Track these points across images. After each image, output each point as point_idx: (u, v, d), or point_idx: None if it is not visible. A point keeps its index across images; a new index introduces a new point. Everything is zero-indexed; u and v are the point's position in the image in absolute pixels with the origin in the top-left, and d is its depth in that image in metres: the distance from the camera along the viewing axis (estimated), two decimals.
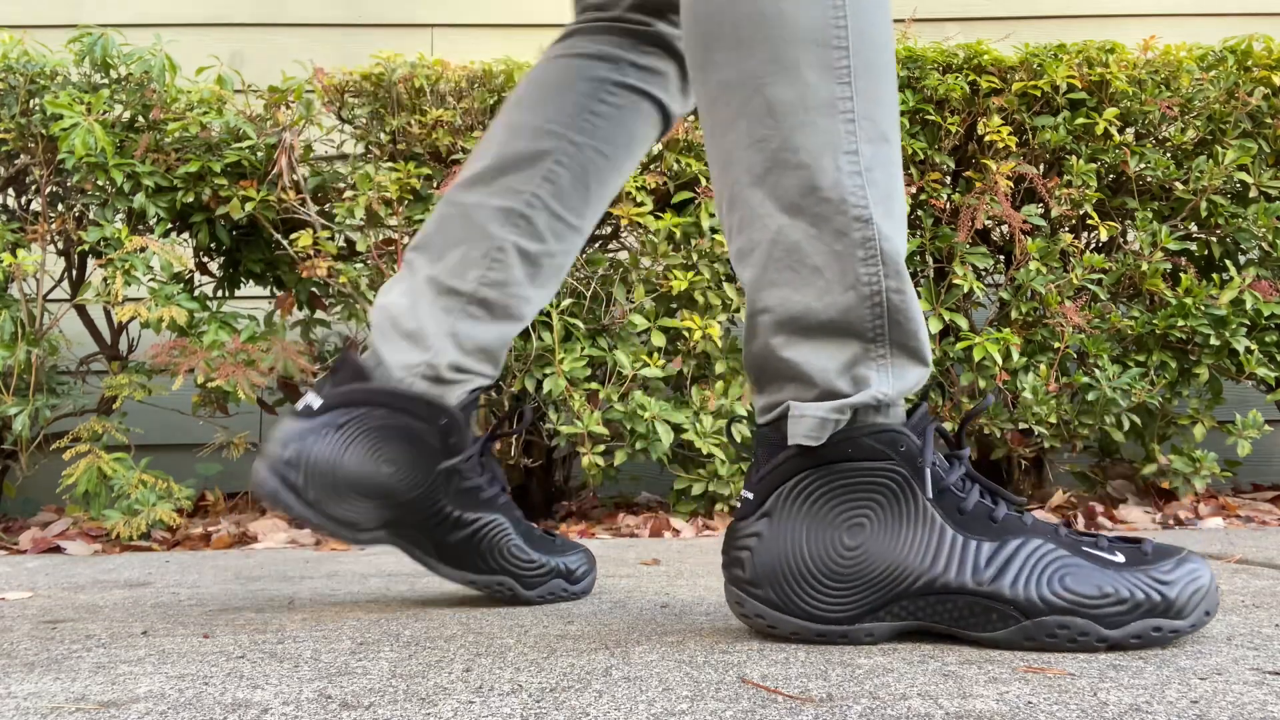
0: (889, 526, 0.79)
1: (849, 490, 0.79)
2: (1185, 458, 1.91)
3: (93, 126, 1.76)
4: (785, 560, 0.79)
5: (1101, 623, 0.74)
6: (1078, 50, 2.00)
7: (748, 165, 0.80)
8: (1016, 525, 0.79)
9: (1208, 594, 0.76)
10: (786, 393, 0.82)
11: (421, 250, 1.01)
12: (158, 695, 0.68)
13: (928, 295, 1.92)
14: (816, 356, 0.80)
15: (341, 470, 0.94)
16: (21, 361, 1.80)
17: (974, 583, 0.76)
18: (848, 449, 0.79)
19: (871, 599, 0.78)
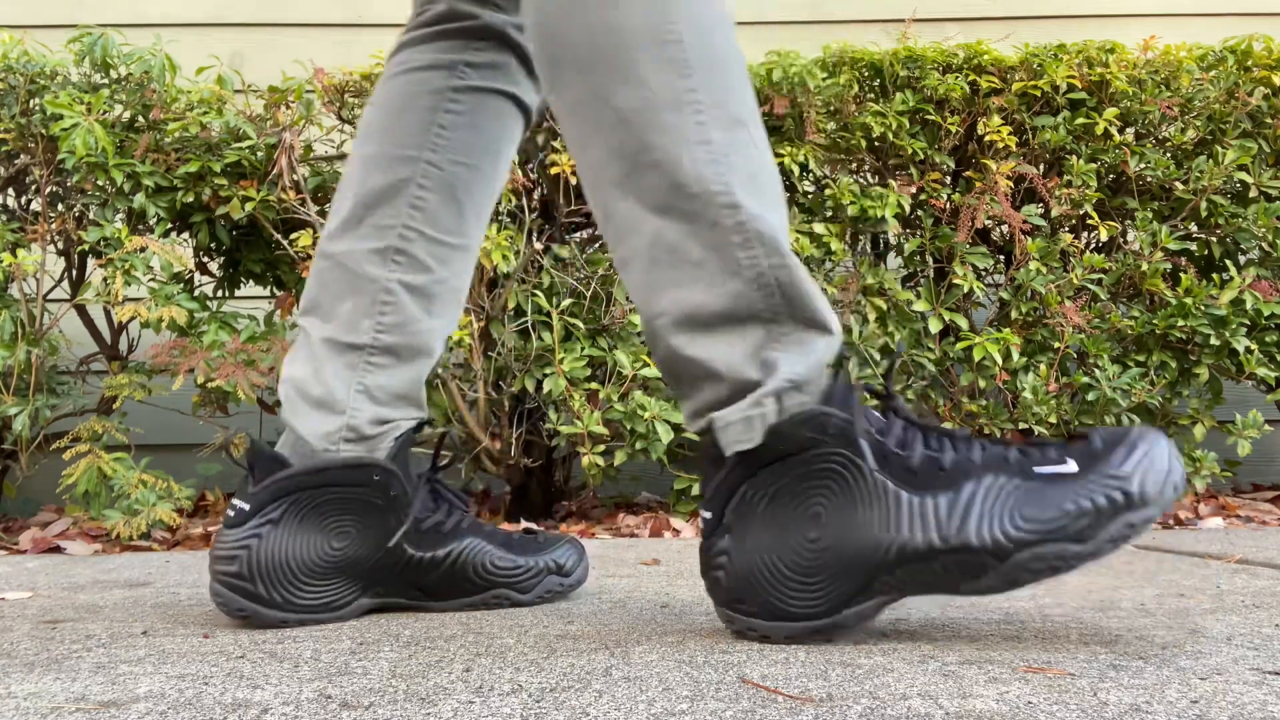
0: (845, 509, 0.78)
1: (795, 485, 0.79)
2: (1185, 458, 1.91)
3: (93, 126, 1.76)
4: (758, 569, 0.79)
5: (1073, 539, 0.73)
6: (1078, 50, 2.00)
7: (611, 176, 0.80)
8: (966, 466, 0.77)
9: (1169, 471, 0.74)
10: (704, 393, 0.81)
11: (310, 313, 0.99)
12: (158, 695, 0.68)
13: (928, 295, 1.92)
14: (720, 349, 0.80)
15: (293, 561, 0.92)
16: (21, 361, 1.80)
17: (940, 540, 0.75)
18: (779, 445, 0.78)
19: (851, 583, 0.77)
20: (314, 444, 0.94)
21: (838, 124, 1.95)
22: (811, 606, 0.78)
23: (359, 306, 0.96)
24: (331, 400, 0.95)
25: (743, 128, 0.80)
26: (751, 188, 0.79)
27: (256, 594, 0.91)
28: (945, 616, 0.90)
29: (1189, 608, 0.94)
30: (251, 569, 0.91)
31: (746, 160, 0.80)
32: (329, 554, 0.93)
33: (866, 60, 1.98)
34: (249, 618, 0.91)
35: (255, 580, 0.91)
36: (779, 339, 0.79)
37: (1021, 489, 0.75)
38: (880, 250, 2.09)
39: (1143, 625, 0.85)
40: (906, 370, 1.89)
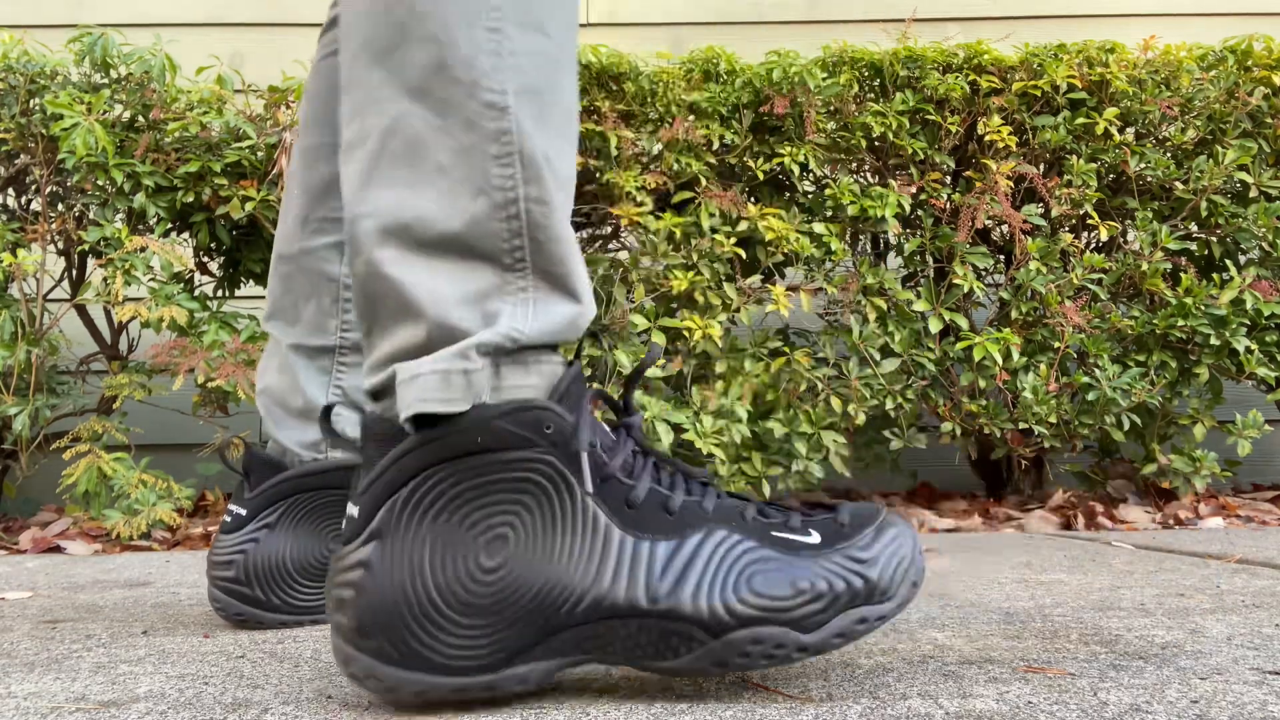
0: (540, 535, 0.63)
1: (484, 492, 0.63)
2: (1185, 457, 1.91)
3: (93, 126, 1.76)
4: (404, 597, 0.61)
5: (798, 627, 0.62)
6: (1078, 50, 2.00)
7: (368, 38, 0.66)
8: (696, 515, 0.65)
9: (911, 563, 0.65)
10: (395, 334, 0.65)
11: (276, 318, 0.96)
12: (158, 695, 0.68)
13: (928, 295, 1.92)
14: (432, 277, 0.64)
15: (291, 563, 0.92)
16: (21, 361, 1.80)
17: (647, 599, 0.62)
18: (477, 436, 0.62)
19: (522, 635, 0.62)
20: (301, 454, 0.94)
21: (838, 124, 1.95)
22: (465, 657, 0.61)
23: (322, 307, 0.95)
24: (312, 409, 0.94)
25: (545, 37, 0.68)
26: (533, 102, 0.66)
27: (254, 597, 0.91)
28: (945, 616, 0.90)
29: (1189, 608, 0.94)
30: (248, 573, 0.91)
31: (540, 74, 0.67)
32: (326, 555, 0.94)
33: (866, 60, 1.98)
34: (247, 621, 0.92)
35: (252, 584, 0.91)
36: (513, 291, 0.65)
37: (754, 554, 0.64)
38: (880, 250, 2.09)
39: (1143, 625, 0.85)
40: (906, 370, 1.89)
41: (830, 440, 1.82)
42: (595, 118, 1.89)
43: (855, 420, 1.85)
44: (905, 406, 1.87)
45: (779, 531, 0.66)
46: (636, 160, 1.91)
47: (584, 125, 1.87)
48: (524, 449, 0.63)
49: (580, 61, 1.91)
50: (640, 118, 1.94)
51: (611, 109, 1.89)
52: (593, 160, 1.90)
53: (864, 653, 0.75)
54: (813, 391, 1.85)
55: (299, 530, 0.93)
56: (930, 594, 1.05)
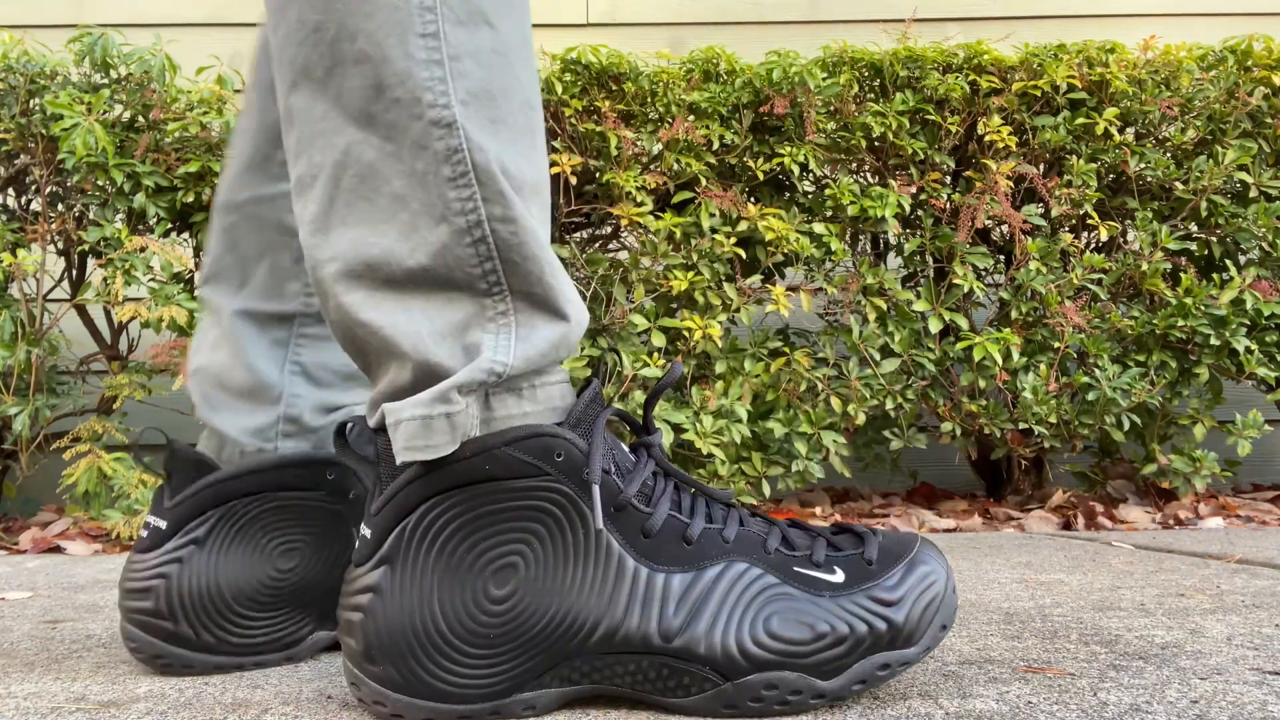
0: (551, 565, 0.61)
1: (493, 520, 0.61)
2: (1185, 458, 1.91)
3: (93, 126, 1.76)
4: (411, 626, 0.60)
5: (816, 673, 0.60)
6: (1078, 50, 2.00)
7: (304, 66, 0.60)
8: (715, 545, 0.63)
9: (941, 604, 0.62)
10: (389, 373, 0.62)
11: (216, 281, 0.80)
12: (158, 695, 0.68)
13: (928, 295, 1.92)
14: (408, 316, 0.60)
15: (228, 590, 0.74)
16: (21, 361, 1.80)
17: (660, 636, 0.60)
18: (485, 465, 0.60)
19: (531, 663, 0.61)
20: (244, 443, 0.77)
21: (838, 124, 1.95)
22: (471, 685, 0.60)
23: (279, 266, 0.79)
24: (261, 387, 0.78)
25: (490, 29, 0.61)
26: (482, 108, 0.60)
27: (179, 635, 0.73)
28: None
29: (1189, 608, 0.94)
30: (171, 604, 0.73)
31: (485, 72, 0.60)
32: (269, 579, 0.76)
33: (866, 60, 1.98)
34: (171, 666, 0.73)
35: (177, 617, 0.73)
36: (493, 318, 0.61)
37: (774, 591, 0.62)
38: (880, 250, 2.09)
39: (1143, 625, 0.85)
40: (906, 370, 1.89)
41: (830, 440, 1.82)
42: (595, 118, 1.89)
43: (855, 420, 1.85)
44: (905, 406, 1.87)
45: (801, 568, 0.63)
46: (636, 160, 1.90)
47: (584, 125, 1.87)
48: (533, 477, 0.61)
49: (580, 62, 1.91)
50: (640, 118, 1.94)
51: (611, 109, 1.88)
52: (593, 160, 1.90)
53: None
54: (813, 391, 1.85)
55: (236, 547, 0.75)
56: None
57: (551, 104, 1.90)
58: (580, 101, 1.88)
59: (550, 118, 1.91)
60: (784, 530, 0.65)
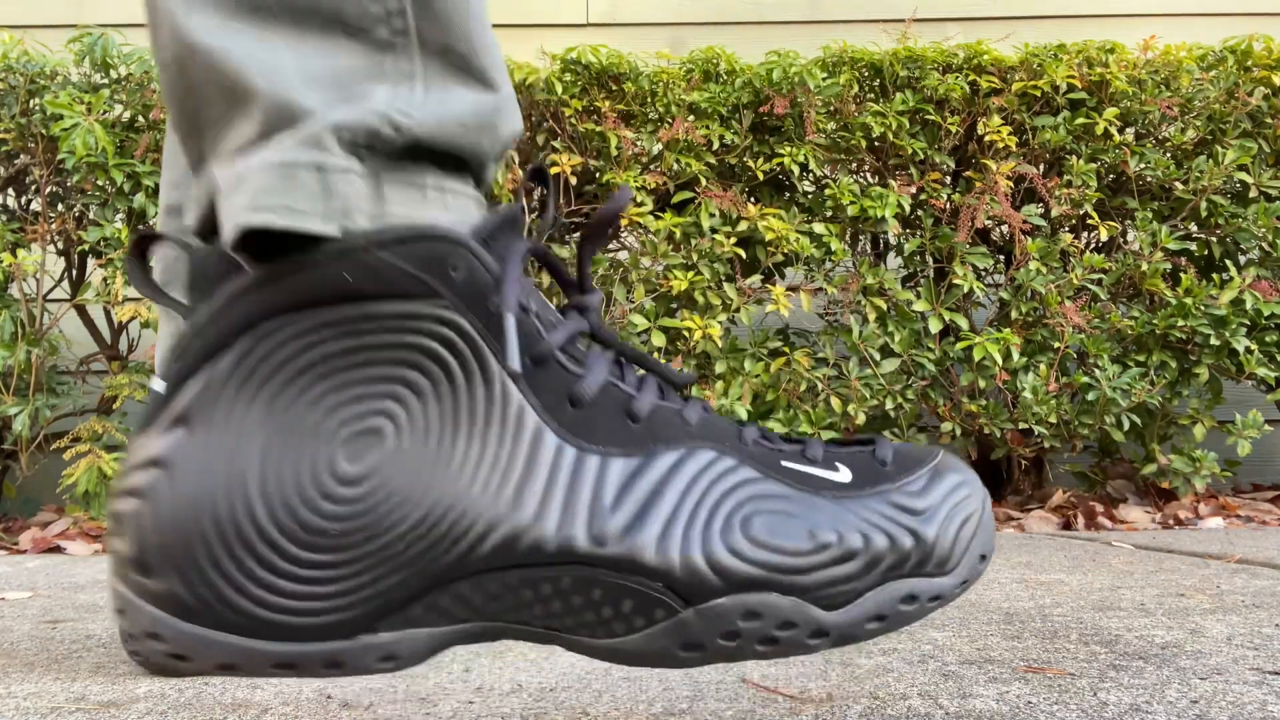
0: (432, 433, 0.43)
1: (351, 362, 0.42)
2: (1185, 458, 1.91)
3: (93, 126, 1.76)
4: (214, 516, 0.41)
5: (817, 599, 0.43)
6: (1078, 50, 2.00)
7: None
8: (671, 427, 0.45)
9: (980, 526, 0.46)
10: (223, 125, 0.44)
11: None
12: (158, 695, 0.68)
13: (928, 295, 1.92)
14: (270, 51, 0.43)
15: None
16: (21, 361, 1.80)
17: (590, 539, 0.42)
18: (344, 274, 0.41)
19: (390, 584, 0.42)
20: None
21: (838, 124, 1.95)
22: (301, 615, 0.42)
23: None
24: None
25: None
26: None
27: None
28: (945, 616, 0.90)
29: (1189, 608, 0.94)
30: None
31: None
32: None
33: (866, 60, 1.98)
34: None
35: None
36: (391, 74, 0.44)
37: (755, 488, 0.44)
38: (880, 250, 2.09)
39: (1143, 625, 0.85)
40: (906, 370, 1.89)
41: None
42: (595, 118, 1.89)
43: (855, 420, 1.85)
44: (905, 406, 1.87)
45: (792, 462, 0.46)
46: (636, 160, 1.91)
47: (584, 125, 1.87)
48: (417, 300, 0.42)
49: (580, 61, 1.91)
50: (640, 118, 1.94)
51: (611, 109, 1.89)
52: (593, 160, 1.90)
53: (864, 652, 0.75)
54: (813, 391, 1.85)
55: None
56: None
57: (551, 104, 1.90)
58: (580, 101, 1.88)
59: (550, 118, 1.91)
60: (765, 431, 0.49)
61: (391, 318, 0.42)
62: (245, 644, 0.42)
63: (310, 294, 0.42)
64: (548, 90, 1.89)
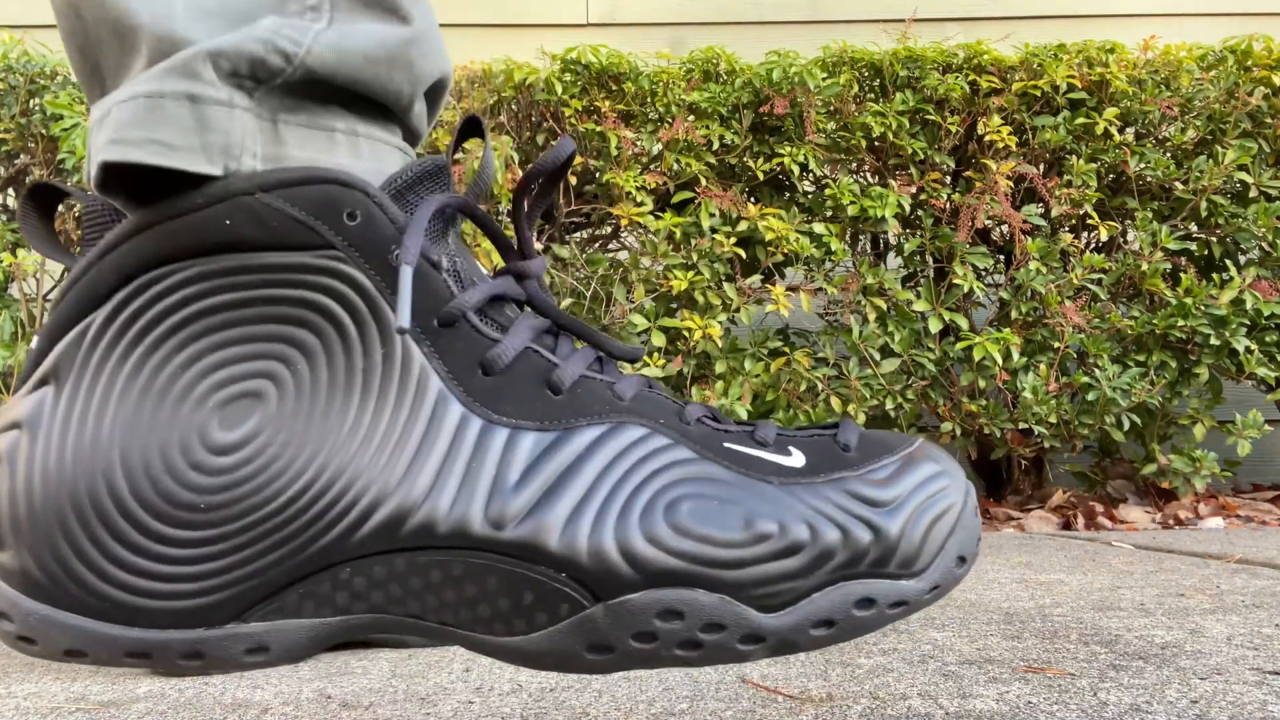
0: (319, 398, 0.38)
1: (233, 320, 0.39)
2: (1185, 458, 1.91)
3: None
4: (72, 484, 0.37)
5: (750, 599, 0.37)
6: (1078, 50, 2.00)
7: None
8: (599, 401, 0.40)
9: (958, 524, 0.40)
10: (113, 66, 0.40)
11: None
12: (158, 695, 0.68)
13: (928, 295, 1.92)
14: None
15: None
16: (21, 361, 1.80)
17: (487, 520, 0.37)
18: (227, 219, 0.38)
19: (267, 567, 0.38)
20: None
21: (838, 124, 1.95)
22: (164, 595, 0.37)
23: None
24: None
25: None
26: None
27: None
28: (945, 616, 0.90)
29: (1189, 608, 0.94)
30: None
31: None
32: None
33: (866, 60, 1.98)
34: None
35: None
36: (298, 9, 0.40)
37: (689, 470, 0.39)
38: (880, 250, 2.09)
39: (1143, 625, 0.85)
40: (906, 370, 1.89)
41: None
42: (595, 118, 1.89)
43: (855, 420, 1.85)
44: (905, 406, 1.87)
45: (737, 444, 0.40)
46: (636, 160, 1.91)
47: (584, 125, 1.87)
48: (307, 250, 0.38)
49: (580, 62, 1.91)
50: (640, 118, 1.94)
51: (611, 109, 1.89)
52: (593, 160, 1.90)
53: (864, 652, 0.75)
54: (813, 391, 1.85)
55: None
56: None
57: (551, 104, 1.90)
58: (580, 101, 1.88)
59: (550, 118, 1.91)
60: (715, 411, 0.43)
61: (279, 269, 0.38)
62: (96, 627, 0.37)
63: (191, 243, 0.38)
64: (548, 90, 1.89)
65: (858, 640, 0.76)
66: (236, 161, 0.38)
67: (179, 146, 0.37)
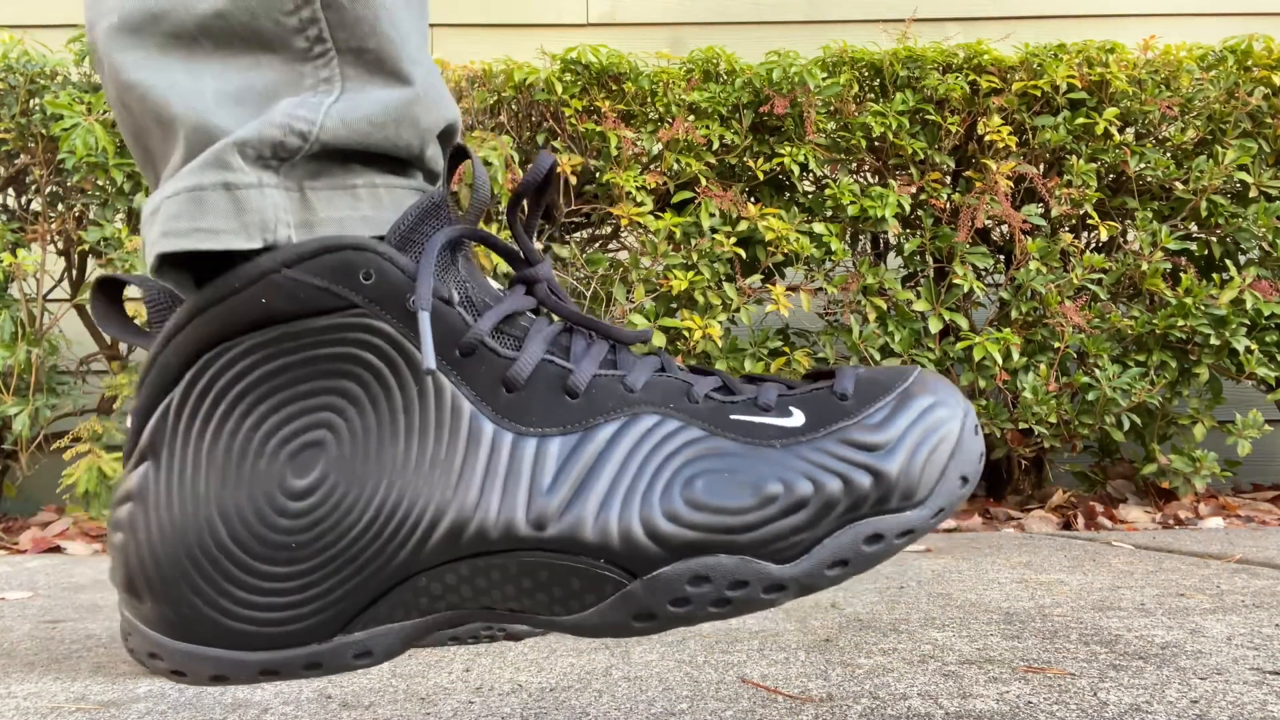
0: (371, 438, 0.43)
1: (286, 382, 0.43)
2: (1185, 457, 1.91)
3: (93, 126, 1.76)
4: (184, 541, 0.44)
5: (767, 554, 0.42)
6: (1078, 50, 2.00)
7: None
8: (612, 396, 0.44)
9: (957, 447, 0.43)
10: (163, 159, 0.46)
11: None
12: (158, 695, 0.68)
13: (928, 295, 1.92)
14: (192, 77, 0.44)
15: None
16: (21, 361, 1.80)
17: (530, 523, 0.42)
18: (262, 298, 0.42)
19: (353, 585, 0.44)
20: None
21: (838, 124, 1.95)
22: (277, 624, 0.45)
23: None
24: None
25: None
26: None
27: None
28: (945, 616, 0.90)
29: (1189, 608, 0.94)
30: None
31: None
32: None
33: (866, 60, 1.98)
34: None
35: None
36: (311, 86, 0.45)
37: (698, 447, 0.43)
38: (880, 250, 2.09)
39: (1143, 625, 0.85)
40: None
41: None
42: (595, 118, 1.89)
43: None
44: None
45: (741, 414, 0.44)
46: (636, 160, 1.91)
47: (584, 125, 1.87)
48: (336, 312, 0.43)
49: (580, 61, 1.91)
50: (640, 118, 1.94)
51: (611, 109, 1.89)
52: (593, 160, 1.90)
53: (864, 652, 0.75)
54: None
55: None
56: (930, 594, 1.05)
57: (551, 104, 1.90)
58: (580, 101, 1.88)
59: (550, 118, 1.91)
60: (725, 378, 0.47)
61: (315, 332, 0.43)
62: (231, 655, 0.45)
63: (237, 322, 0.43)
64: (548, 90, 1.89)
65: (858, 640, 0.77)
66: (273, 233, 0.43)
67: (221, 230, 0.42)
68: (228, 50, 0.45)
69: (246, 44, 0.45)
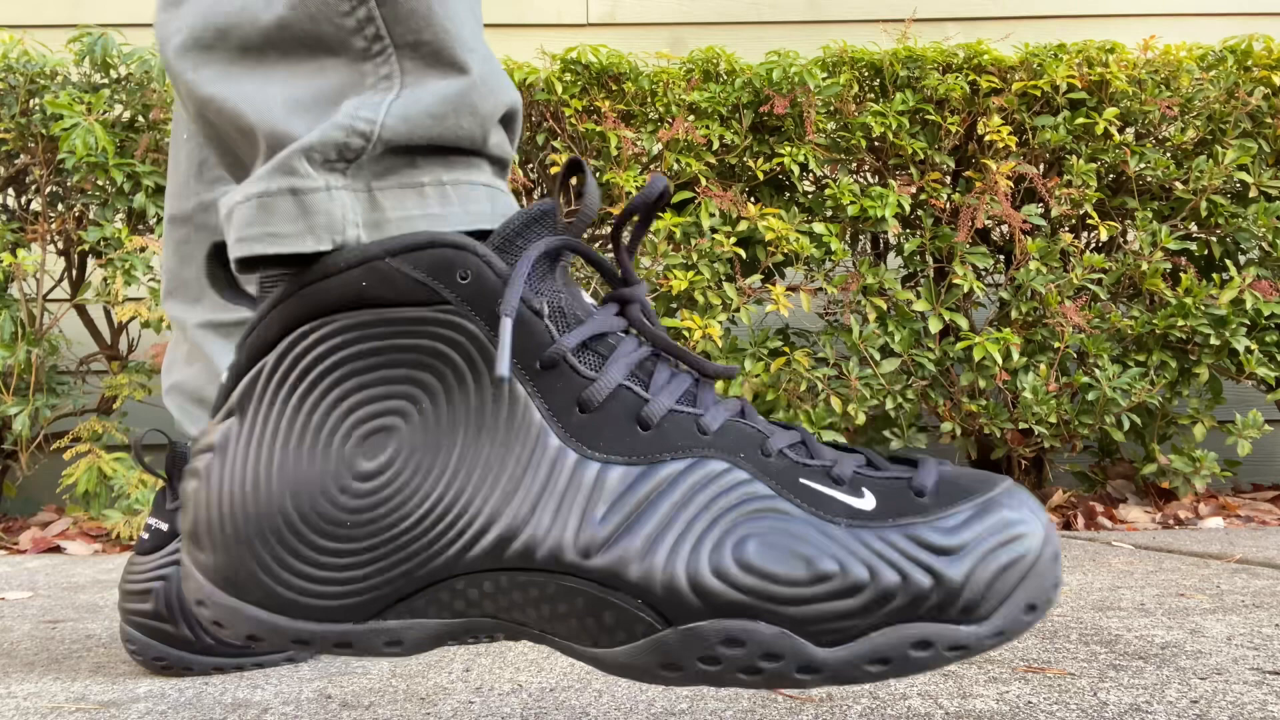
0: (441, 432, 0.44)
1: (370, 365, 0.45)
2: (1185, 457, 1.91)
3: (93, 126, 1.76)
4: (256, 499, 0.45)
5: (808, 633, 0.40)
6: (1078, 50, 2.00)
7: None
8: (685, 435, 0.44)
9: (1031, 571, 0.41)
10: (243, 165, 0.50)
11: (175, 297, 0.79)
12: (158, 695, 0.68)
13: (928, 295, 1.92)
14: (262, 87, 0.47)
15: None
16: (21, 361, 1.80)
17: (576, 549, 0.42)
18: (362, 281, 0.44)
19: (397, 574, 0.44)
20: None
21: (838, 124, 1.95)
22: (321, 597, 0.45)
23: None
24: None
25: None
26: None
27: (179, 636, 0.73)
28: None
29: (1189, 608, 0.94)
30: (171, 605, 0.73)
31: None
32: None
33: (866, 60, 1.98)
34: (171, 667, 0.74)
35: (177, 619, 0.73)
36: (373, 84, 0.46)
37: (760, 505, 0.42)
38: (880, 250, 2.09)
39: (1143, 625, 0.85)
40: (906, 370, 1.89)
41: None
42: (595, 118, 1.89)
43: (855, 420, 1.85)
44: (905, 406, 1.87)
45: (812, 480, 0.43)
46: (636, 160, 1.91)
47: (584, 125, 1.87)
48: (427, 305, 0.44)
49: (580, 61, 1.91)
50: (640, 118, 1.94)
51: (611, 109, 1.89)
52: (593, 160, 1.90)
53: None
54: (813, 391, 1.85)
55: None
56: None
57: (551, 104, 1.90)
58: (580, 101, 1.88)
59: (550, 118, 1.91)
60: (806, 437, 0.46)
61: (406, 321, 0.44)
62: (271, 618, 0.45)
63: (336, 300, 0.45)
64: (548, 90, 1.89)
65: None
66: (341, 235, 0.45)
67: (289, 234, 0.44)
68: (294, 58, 0.47)
69: (310, 50, 0.47)
